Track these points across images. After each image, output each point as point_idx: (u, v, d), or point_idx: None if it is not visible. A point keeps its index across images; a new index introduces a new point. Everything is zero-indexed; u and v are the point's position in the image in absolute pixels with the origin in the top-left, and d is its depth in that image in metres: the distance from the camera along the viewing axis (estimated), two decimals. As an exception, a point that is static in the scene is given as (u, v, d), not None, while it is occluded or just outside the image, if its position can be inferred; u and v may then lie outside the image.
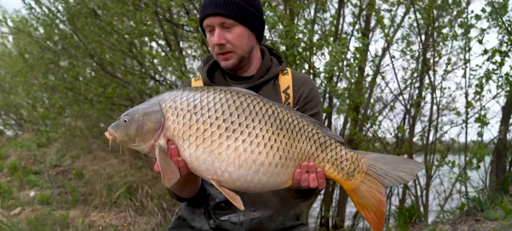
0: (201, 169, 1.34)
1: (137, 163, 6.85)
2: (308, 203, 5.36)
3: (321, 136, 1.41)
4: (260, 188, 1.39)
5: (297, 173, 1.38)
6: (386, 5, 4.96)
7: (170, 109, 1.35)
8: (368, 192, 1.41)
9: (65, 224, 5.30)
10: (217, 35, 1.64)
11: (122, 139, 1.38)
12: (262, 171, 1.34)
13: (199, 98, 1.36)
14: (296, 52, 3.89)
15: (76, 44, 5.91)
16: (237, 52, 1.67)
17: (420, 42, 5.05)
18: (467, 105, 4.57)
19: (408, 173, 1.40)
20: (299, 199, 1.64)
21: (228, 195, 1.36)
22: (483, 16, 4.40)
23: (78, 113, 6.97)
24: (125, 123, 1.37)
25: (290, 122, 1.39)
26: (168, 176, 1.34)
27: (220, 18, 1.62)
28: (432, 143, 5.24)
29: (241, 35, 1.66)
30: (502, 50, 4.33)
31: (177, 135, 1.34)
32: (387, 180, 1.40)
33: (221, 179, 1.35)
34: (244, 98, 1.37)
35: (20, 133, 12.44)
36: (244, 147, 1.32)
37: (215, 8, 1.61)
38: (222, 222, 1.74)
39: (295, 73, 1.81)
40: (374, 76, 5.50)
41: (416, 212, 4.74)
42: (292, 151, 1.37)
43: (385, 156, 1.44)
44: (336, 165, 1.41)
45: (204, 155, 1.32)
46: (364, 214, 1.42)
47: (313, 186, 1.39)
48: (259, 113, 1.36)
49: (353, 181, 1.41)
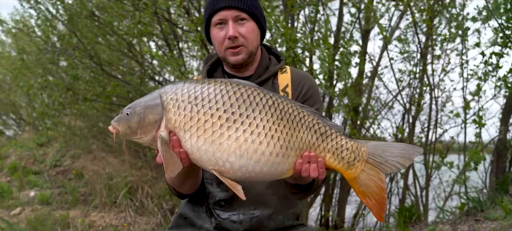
0: (203, 159, 1.36)
1: (137, 163, 6.85)
2: (308, 203, 5.36)
3: (322, 126, 1.42)
4: (261, 178, 1.40)
5: (298, 163, 1.39)
6: (383, 8, 4.97)
7: (171, 101, 1.37)
8: (368, 179, 1.42)
9: (65, 224, 5.30)
10: (232, 27, 1.64)
11: (124, 132, 1.41)
12: (263, 160, 1.35)
13: (200, 90, 1.38)
14: (293, 54, 3.90)
15: (75, 45, 5.91)
16: (248, 47, 1.68)
17: (418, 44, 5.05)
18: (465, 106, 4.57)
19: (407, 158, 1.42)
20: (298, 194, 1.65)
21: (230, 185, 1.37)
22: (479, 18, 4.42)
23: (77, 113, 6.97)
24: (127, 115, 1.40)
25: (291, 112, 1.40)
26: (171, 166, 1.35)
27: (235, 11, 1.64)
28: (432, 143, 5.24)
29: (253, 30, 1.68)
30: (497, 52, 4.35)
31: (178, 126, 1.36)
32: (387, 167, 1.42)
33: (222, 169, 1.36)
34: (245, 90, 1.39)
35: (20, 133, 12.45)
36: (245, 137, 1.34)
37: (231, 0, 1.63)
38: (222, 220, 1.74)
39: (294, 71, 1.81)
40: (373, 77, 5.50)
41: (416, 212, 4.75)
42: (293, 140, 1.38)
43: (384, 144, 1.46)
44: (336, 154, 1.42)
45: (205, 145, 1.34)
46: (366, 202, 1.44)
47: (313, 176, 1.40)
48: (260, 104, 1.37)
49: (353, 170, 1.43)
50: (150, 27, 5.47)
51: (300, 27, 4.79)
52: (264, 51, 1.83)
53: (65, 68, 6.77)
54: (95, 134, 7.91)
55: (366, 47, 5.44)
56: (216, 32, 1.68)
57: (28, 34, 7.44)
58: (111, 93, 5.97)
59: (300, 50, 4.32)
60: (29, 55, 7.40)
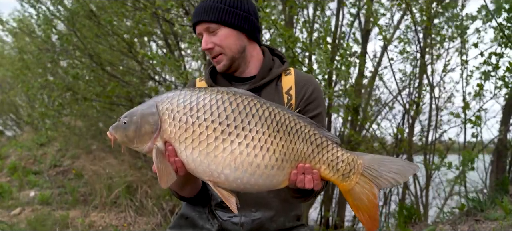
0: (198, 170, 1.36)
1: (136, 163, 6.86)
2: (308, 203, 5.36)
3: (318, 137, 1.41)
4: (256, 189, 1.40)
5: (293, 174, 1.39)
6: (382, 9, 4.95)
7: (167, 111, 1.37)
8: (362, 193, 1.41)
9: (65, 224, 5.30)
10: (204, 40, 1.70)
11: (121, 140, 1.41)
12: (258, 173, 1.35)
13: (196, 100, 1.37)
14: (292, 54, 3.90)
15: (75, 45, 5.91)
16: (227, 53, 1.69)
17: (418, 43, 5.05)
18: (465, 106, 4.57)
19: (402, 175, 1.40)
20: (299, 198, 1.64)
21: (223, 196, 1.37)
22: (479, 17, 4.41)
23: (77, 113, 6.97)
24: (124, 124, 1.40)
25: (287, 123, 1.39)
26: (164, 178, 1.36)
27: (204, 24, 1.68)
28: (432, 143, 5.24)
29: (227, 36, 1.69)
30: (497, 52, 4.34)
31: (174, 137, 1.36)
32: (381, 181, 1.40)
33: (217, 181, 1.36)
34: (241, 100, 1.38)
35: (20, 133, 12.45)
36: (240, 150, 1.33)
37: (199, 16, 1.68)
38: (223, 222, 1.75)
39: (298, 74, 1.80)
40: (373, 77, 5.49)
41: (416, 212, 4.74)
42: (289, 153, 1.37)
43: (380, 158, 1.44)
44: (331, 166, 1.41)
45: (200, 157, 1.34)
46: (358, 215, 1.43)
47: (308, 187, 1.40)
48: (256, 115, 1.36)
49: (348, 182, 1.41)
50: (150, 27, 5.47)
51: (300, 28, 4.79)
52: (267, 52, 1.82)
53: (65, 68, 6.76)
54: (94, 134, 7.91)
55: (366, 48, 5.44)
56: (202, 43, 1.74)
57: (29, 34, 7.43)
58: (111, 93, 5.97)
59: (299, 50, 4.31)
60: (29, 54, 7.39)
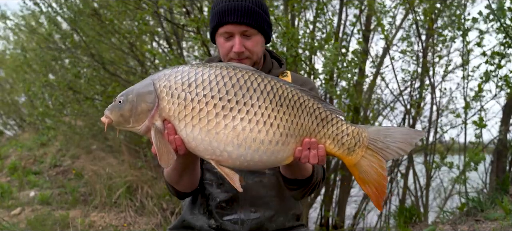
0: (199, 149, 1.31)
1: (136, 163, 6.85)
2: (308, 203, 5.35)
3: (322, 111, 1.37)
4: (260, 166, 1.36)
5: (298, 150, 1.35)
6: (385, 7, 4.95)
7: (165, 89, 1.31)
8: (369, 166, 1.38)
9: (65, 224, 5.29)
10: (239, 43, 1.64)
11: (117, 120, 1.36)
12: (262, 149, 1.30)
13: (194, 76, 1.32)
14: (295, 53, 3.89)
15: (77, 43, 5.91)
16: (253, 58, 1.69)
17: (420, 42, 5.06)
18: (466, 106, 4.57)
19: (409, 143, 1.37)
20: (295, 190, 1.63)
21: (226, 174, 1.32)
22: (480, 19, 4.41)
23: (78, 112, 6.96)
24: (119, 103, 1.35)
25: (290, 97, 1.34)
26: (164, 157, 1.30)
27: (243, 27, 1.63)
28: (432, 143, 5.24)
29: (258, 42, 1.69)
30: (499, 52, 4.34)
31: (173, 115, 1.30)
32: (388, 152, 1.38)
33: (220, 159, 1.31)
34: (241, 74, 1.33)
35: (20, 132, 12.44)
36: (242, 126, 1.28)
37: (240, 17, 1.61)
38: (222, 222, 1.74)
39: (295, 76, 1.83)
40: (374, 77, 5.49)
41: (416, 212, 4.74)
42: (293, 127, 1.33)
43: (386, 128, 1.42)
44: (337, 140, 1.37)
45: (201, 135, 1.28)
46: (365, 189, 1.40)
47: (313, 163, 1.36)
48: (257, 90, 1.31)
49: (354, 156, 1.38)
50: (152, 26, 5.46)
51: (302, 27, 4.78)
52: (267, 55, 1.85)
53: (67, 68, 6.77)
54: (95, 133, 7.90)
55: (368, 47, 5.44)
56: (222, 41, 1.68)
57: (31, 32, 7.43)
58: (112, 94, 5.97)
59: (301, 50, 4.31)
60: (31, 52, 7.39)
